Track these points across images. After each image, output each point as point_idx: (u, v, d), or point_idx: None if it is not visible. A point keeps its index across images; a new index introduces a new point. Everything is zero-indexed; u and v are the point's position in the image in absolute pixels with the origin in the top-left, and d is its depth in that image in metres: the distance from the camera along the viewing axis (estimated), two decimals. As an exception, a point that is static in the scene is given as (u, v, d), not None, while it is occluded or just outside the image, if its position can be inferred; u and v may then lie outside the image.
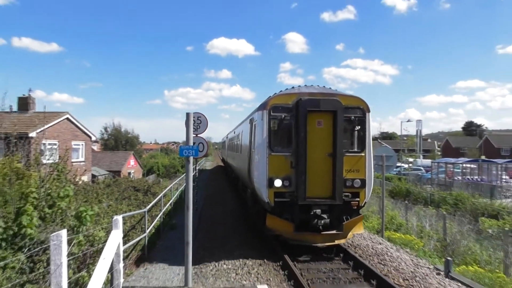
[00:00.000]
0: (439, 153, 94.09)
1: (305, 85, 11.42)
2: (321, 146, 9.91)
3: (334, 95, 10.22)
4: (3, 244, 6.71)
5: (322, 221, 9.70)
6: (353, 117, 10.24)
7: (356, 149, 10.37)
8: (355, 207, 10.10)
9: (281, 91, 11.15)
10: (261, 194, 9.99)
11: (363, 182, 10.12)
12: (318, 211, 9.69)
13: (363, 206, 10.41)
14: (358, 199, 10.09)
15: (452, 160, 44.94)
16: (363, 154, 10.25)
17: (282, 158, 9.94)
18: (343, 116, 9.86)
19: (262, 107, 10.54)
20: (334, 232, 9.98)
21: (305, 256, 10.16)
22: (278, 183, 9.79)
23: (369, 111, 10.35)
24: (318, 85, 11.52)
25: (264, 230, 10.49)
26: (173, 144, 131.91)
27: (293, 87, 11.32)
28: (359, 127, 10.37)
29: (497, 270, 10.27)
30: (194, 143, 8.48)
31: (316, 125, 9.96)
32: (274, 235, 10.51)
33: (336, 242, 10.17)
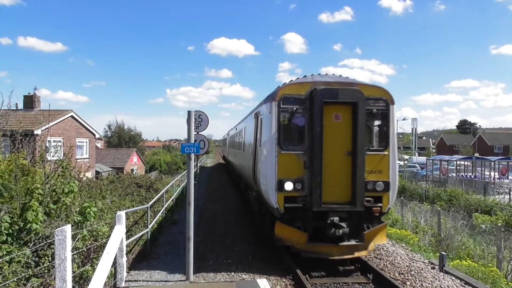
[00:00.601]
0: (434, 150, 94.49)
1: (319, 74, 9.95)
2: (339, 143, 8.67)
3: (354, 84, 8.99)
4: (9, 238, 6.88)
5: (341, 231, 8.45)
6: (375, 109, 8.93)
7: (378, 147, 9.10)
8: (377, 214, 8.86)
9: (291, 80, 9.75)
10: (269, 198, 8.71)
11: (387, 185, 8.84)
12: (336, 218, 8.42)
13: (387, 212, 9.20)
14: (381, 204, 8.82)
15: (447, 157, 45.20)
16: (386, 153, 8.98)
17: (294, 157, 8.69)
18: (365, 108, 8.61)
19: (270, 98, 9.20)
20: (353, 243, 8.73)
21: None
22: (288, 186, 8.53)
23: (393, 103, 9.05)
24: (334, 74, 10.20)
25: (272, 239, 9.21)
26: (175, 142, 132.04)
27: (305, 76, 9.84)
28: (381, 121, 9.08)
29: (490, 265, 10.40)
30: (195, 141, 8.63)
31: (333, 119, 8.70)
32: (284, 246, 9.26)
33: (356, 254, 8.79)
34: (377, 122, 9.16)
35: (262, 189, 9.23)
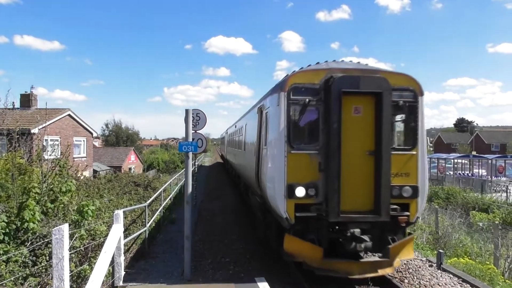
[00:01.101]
0: (432, 148, 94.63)
1: (334, 61, 8.74)
2: (359, 141, 7.52)
3: (376, 71, 7.83)
4: (6, 238, 6.86)
5: (363, 245, 7.30)
6: (401, 101, 7.65)
7: (405, 145, 7.90)
8: (404, 224, 7.64)
9: (302, 68, 8.48)
10: (277, 206, 7.53)
11: (415, 190, 7.64)
12: (357, 231, 7.26)
13: (414, 222, 8.01)
14: (408, 213, 7.63)
15: (444, 155, 45.50)
16: (414, 152, 7.75)
17: (306, 157, 7.50)
18: (391, 99, 7.40)
19: (277, 88, 7.99)
20: (376, 259, 7.62)
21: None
22: (300, 191, 7.34)
23: (422, 94, 7.84)
24: (351, 61, 9.00)
25: (280, 254, 8.17)
26: (172, 140, 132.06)
27: (318, 63, 8.66)
28: (409, 115, 7.86)
29: (488, 262, 10.44)
30: (193, 139, 8.61)
31: (352, 113, 7.53)
32: (295, 262, 8.07)
33: (380, 272, 7.60)
34: (403, 117, 8.00)
35: (268, 195, 7.97)
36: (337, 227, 7.39)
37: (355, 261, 7.45)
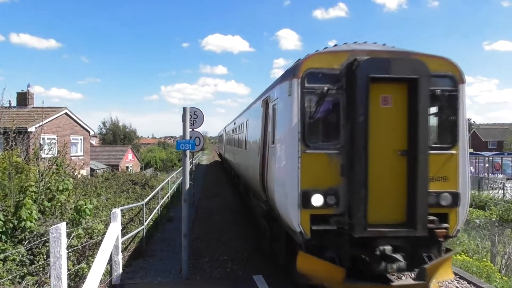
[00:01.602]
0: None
1: (355, 42, 7.28)
2: (389, 139, 6.26)
3: (409, 54, 6.51)
4: (3, 237, 6.86)
5: (395, 265, 6.06)
6: (439, 91, 6.33)
7: (442, 143, 6.58)
8: (441, 238, 6.32)
9: (317, 50, 6.91)
10: (288, 217, 6.27)
11: (455, 198, 6.36)
12: (388, 248, 5.96)
13: (455, 236, 6.72)
14: (447, 225, 6.33)
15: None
16: (454, 152, 6.47)
17: (324, 158, 6.23)
18: (428, 87, 6.09)
19: (289, 74, 6.68)
20: (410, 282, 6.49)
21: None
22: (317, 200, 6.08)
23: (463, 82, 6.56)
24: (375, 42, 7.39)
25: (291, 274, 6.95)
26: (170, 139, 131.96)
27: (335, 45, 7.30)
28: (447, 107, 6.47)
29: (485, 259, 10.47)
30: (190, 137, 8.61)
31: (380, 104, 6.27)
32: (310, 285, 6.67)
33: None
34: (440, 109, 6.61)
35: (277, 202, 6.72)
36: (362, 243, 6.07)
37: (386, 285, 6.24)
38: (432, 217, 6.19)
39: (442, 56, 6.60)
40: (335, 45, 7.23)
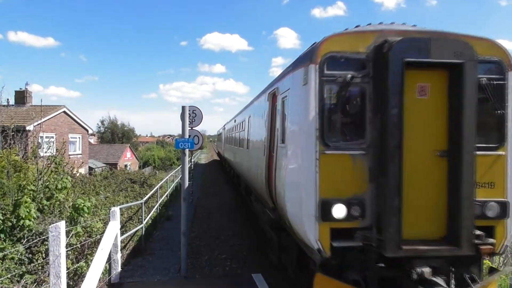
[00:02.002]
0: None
1: (380, 23, 6.23)
2: (425, 137, 5.27)
3: (449, 35, 5.44)
4: (2, 235, 6.86)
5: None
6: (484, 79, 5.29)
7: (487, 143, 5.42)
8: (487, 256, 5.38)
9: (334, 33, 5.63)
10: (303, 231, 5.32)
11: (503, 207, 5.35)
12: (427, 271, 4.94)
13: (502, 253, 5.63)
14: (493, 240, 5.29)
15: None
16: (501, 153, 5.44)
17: (347, 160, 5.26)
18: (476, 74, 5.09)
19: (304, 60, 5.64)
20: None
21: None
22: (339, 211, 5.13)
23: None
24: (404, 23, 6.30)
25: None
26: (168, 137, 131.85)
27: (358, 26, 6.07)
28: (493, 98, 5.40)
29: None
30: (189, 136, 8.60)
31: (416, 94, 5.29)
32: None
33: None
34: (484, 101, 5.38)
35: (289, 212, 5.76)
36: (394, 263, 5.13)
37: None
38: (477, 232, 5.12)
39: (488, 38, 5.56)
40: (357, 26, 6.01)
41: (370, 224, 5.19)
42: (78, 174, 14.11)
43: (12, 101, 28.28)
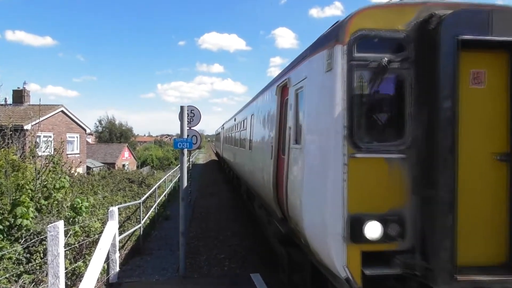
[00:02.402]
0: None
1: None
2: (481, 137, 4.28)
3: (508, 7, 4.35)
4: (0, 235, 6.83)
5: None
6: None
7: None
8: None
9: (366, 6, 4.60)
10: (326, 255, 4.39)
11: None
12: None
13: None
14: None
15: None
16: None
17: (383, 166, 4.28)
18: None
19: (327, 40, 4.63)
20: None
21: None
22: (373, 229, 4.13)
23: None
24: None
25: None
26: (166, 137, 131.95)
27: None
28: None
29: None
30: (187, 136, 8.60)
31: (469, 82, 4.26)
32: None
33: None
34: None
35: (306, 229, 4.83)
36: None
37: None
38: None
39: None
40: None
41: (411, 247, 4.17)
42: (76, 174, 14.10)
43: (10, 100, 28.30)
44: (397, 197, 4.25)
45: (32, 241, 6.79)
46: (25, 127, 20.26)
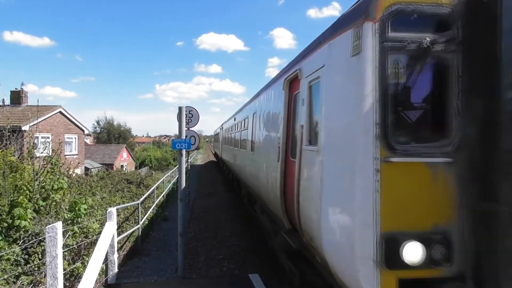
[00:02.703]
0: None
1: None
2: None
3: None
4: (-2, 236, 6.82)
5: None
6: None
7: None
8: None
9: None
10: (353, 282, 3.64)
11: None
12: None
13: None
14: None
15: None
16: None
17: (424, 172, 3.49)
18: None
19: (353, 17, 3.85)
20: None
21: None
22: (413, 252, 3.36)
23: None
24: None
25: None
26: (165, 138, 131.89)
27: None
28: None
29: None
30: (186, 136, 8.59)
31: None
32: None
33: None
34: None
35: (326, 249, 4.05)
36: None
37: None
38: None
39: None
40: None
41: (460, 273, 3.40)
42: (74, 175, 14.08)
43: (8, 101, 28.28)
44: (442, 211, 3.47)
45: (31, 242, 6.78)
46: (23, 128, 20.22)
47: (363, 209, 3.46)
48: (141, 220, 10.70)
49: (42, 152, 9.62)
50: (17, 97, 28.43)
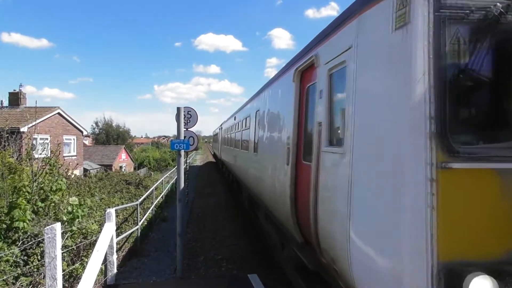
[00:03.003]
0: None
1: None
2: None
3: None
4: (-4, 237, 6.83)
5: None
6: None
7: None
8: None
9: None
10: None
11: None
12: None
13: None
14: None
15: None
16: None
17: (494, 181, 2.61)
18: None
19: None
20: None
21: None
22: None
23: None
24: None
25: None
26: (163, 138, 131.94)
27: None
28: None
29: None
30: (185, 137, 8.61)
31: None
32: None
33: None
34: None
35: (357, 277, 3.29)
36: None
37: None
38: None
39: None
40: None
41: None
42: (73, 176, 14.08)
43: (6, 103, 28.28)
44: None
45: (30, 243, 6.79)
46: (21, 130, 20.23)
47: (413, 231, 2.63)
48: (140, 221, 10.71)
49: (40, 154, 9.63)
50: (15, 98, 28.42)
